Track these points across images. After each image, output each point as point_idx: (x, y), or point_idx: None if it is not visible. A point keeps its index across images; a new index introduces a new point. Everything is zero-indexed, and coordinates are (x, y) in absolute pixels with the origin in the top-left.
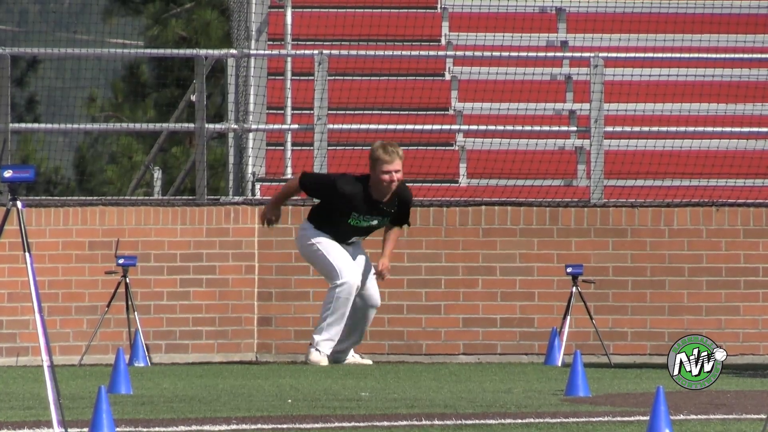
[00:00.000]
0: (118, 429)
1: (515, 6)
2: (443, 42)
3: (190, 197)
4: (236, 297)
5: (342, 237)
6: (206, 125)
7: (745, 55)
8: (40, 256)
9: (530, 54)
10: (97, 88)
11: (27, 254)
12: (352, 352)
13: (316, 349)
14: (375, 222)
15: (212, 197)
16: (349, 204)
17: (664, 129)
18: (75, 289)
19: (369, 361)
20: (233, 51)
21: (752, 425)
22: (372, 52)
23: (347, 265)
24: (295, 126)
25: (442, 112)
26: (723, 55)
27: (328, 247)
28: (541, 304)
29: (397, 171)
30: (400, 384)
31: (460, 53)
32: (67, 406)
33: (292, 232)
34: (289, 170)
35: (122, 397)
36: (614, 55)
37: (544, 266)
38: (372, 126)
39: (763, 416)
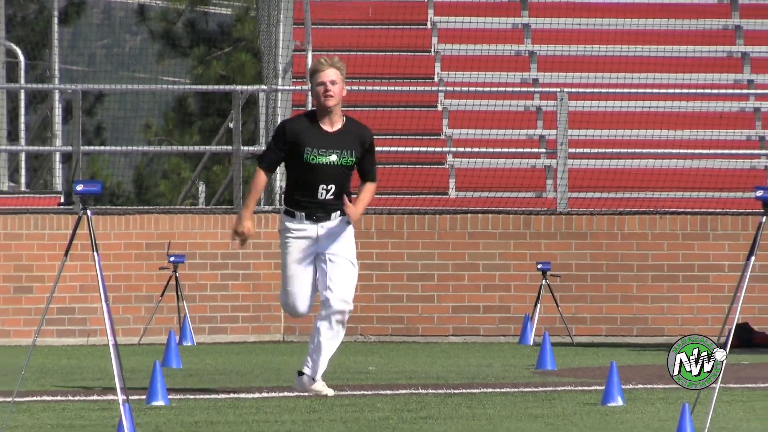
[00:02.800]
0: (170, 396)
1: (495, 50)
2: (436, 79)
3: (229, 206)
4: (266, 288)
5: (310, 190)
6: (242, 147)
7: (684, 91)
8: (106, 255)
9: (507, 89)
10: (152, 117)
11: (95, 253)
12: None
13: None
14: (334, 157)
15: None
16: (299, 139)
17: (617, 151)
18: (134, 282)
19: (330, 392)
20: (264, 87)
21: (688, 393)
22: (378, 88)
23: (293, 291)
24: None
25: (435, 137)
26: (665, 91)
27: (286, 261)
28: (516, 294)
29: (333, 82)
30: (400, 360)
31: (450, 89)
32: (129, 378)
33: None
34: None
35: (173, 371)
36: (576, 90)
37: (519, 263)
38: (377, 148)
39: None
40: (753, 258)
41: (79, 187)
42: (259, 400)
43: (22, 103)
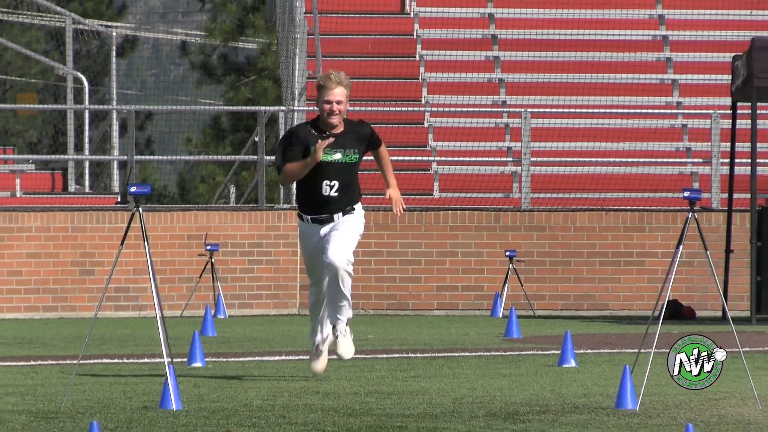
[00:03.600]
0: (206, 359)
1: (471, 77)
2: (423, 101)
3: (254, 205)
4: (285, 271)
5: (315, 188)
6: (265, 157)
7: (625, 111)
8: (154, 244)
9: (481, 109)
10: (192, 132)
11: (145, 243)
12: (330, 336)
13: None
14: (338, 155)
15: (269, 205)
16: (304, 142)
17: (571, 159)
18: (177, 266)
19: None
20: (283, 108)
21: (629, 356)
22: (376, 108)
23: (315, 280)
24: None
25: (422, 148)
26: (610, 111)
27: (304, 248)
28: (488, 276)
29: (339, 102)
30: (394, 329)
31: (434, 109)
32: (172, 344)
33: None
34: None
35: (209, 338)
36: (537, 110)
37: (490, 251)
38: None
39: (635, 350)
40: (681, 247)
41: (133, 189)
42: (278, 362)
43: (87, 121)
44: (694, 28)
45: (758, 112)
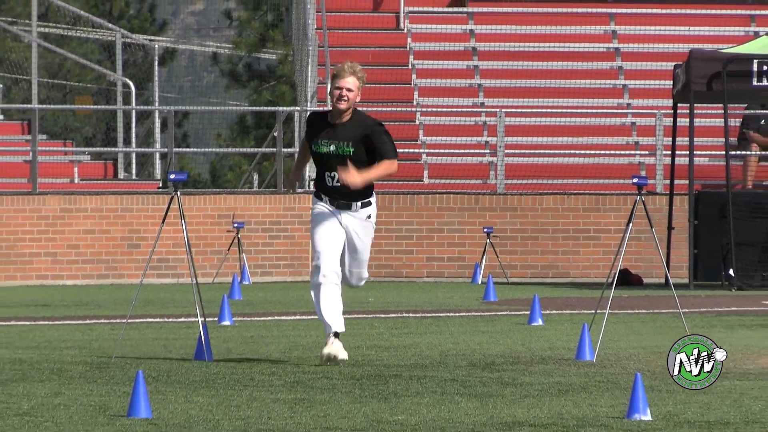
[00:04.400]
0: (234, 318)
1: (454, 83)
2: (415, 103)
3: (274, 189)
4: (299, 245)
5: (322, 173)
6: (282, 149)
7: (584, 111)
8: (190, 222)
9: (463, 109)
10: (222, 129)
11: (182, 221)
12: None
13: (325, 345)
14: (332, 147)
15: (285, 189)
16: (313, 130)
17: (539, 151)
18: (209, 240)
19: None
20: (297, 108)
21: (587, 316)
22: (375, 109)
23: (325, 248)
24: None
25: (414, 142)
26: (572, 110)
27: (316, 225)
28: (470, 249)
29: (349, 90)
30: (390, 293)
31: (424, 109)
32: (205, 305)
33: None
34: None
35: (236, 301)
36: (511, 110)
37: (471, 228)
38: None
39: (592, 311)
40: (630, 225)
41: (172, 176)
42: (294, 321)
43: (133, 119)
44: (641, 42)
45: (695, 112)
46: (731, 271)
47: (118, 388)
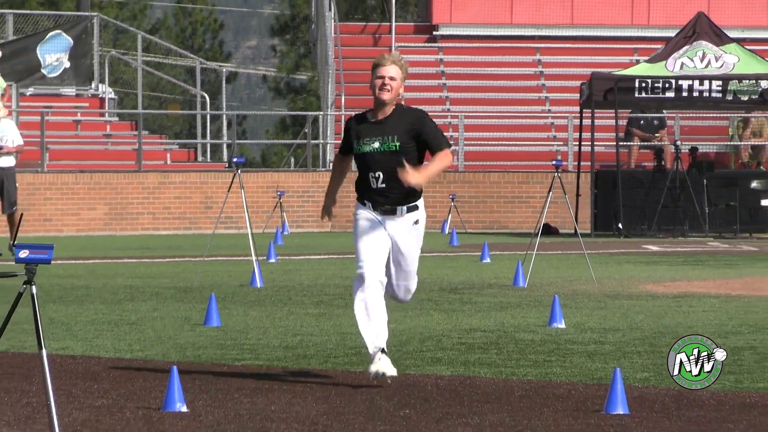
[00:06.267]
0: (278, 257)
1: (429, 95)
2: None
3: (305, 168)
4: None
5: (365, 179)
6: (311, 141)
7: (519, 114)
8: (247, 191)
9: (435, 114)
10: (269, 126)
11: (242, 190)
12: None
13: (371, 363)
14: (376, 144)
15: (313, 168)
16: (354, 132)
17: (488, 142)
18: (260, 204)
19: (392, 372)
20: (321, 113)
21: (521, 255)
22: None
23: (369, 255)
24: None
25: None
26: (511, 114)
27: (359, 232)
28: (439, 210)
29: (392, 78)
30: None
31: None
32: (258, 246)
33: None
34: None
35: (279, 246)
36: (469, 113)
37: (440, 195)
38: None
39: (524, 252)
40: (550, 193)
41: (235, 159)
42: (323, 260)
43: (208, 120)
44: (558, 67)
45: (596, 115)
46: (620, 225)
47: (197, 305)
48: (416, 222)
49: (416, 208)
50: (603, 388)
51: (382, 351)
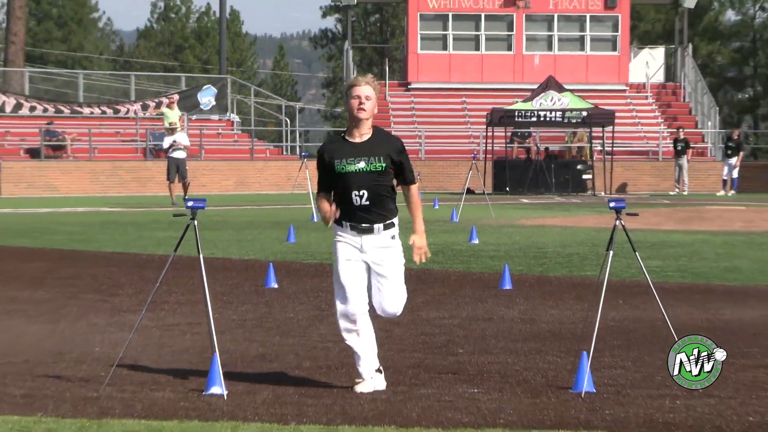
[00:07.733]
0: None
1: (404, 118)
2: (390, 129)
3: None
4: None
5: (347, 197)
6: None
7: (456, 132)
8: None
9: (406, 133)
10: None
11: (306, 171)
12: (368, 370)
13: (364, 381)
14: (362, 164)
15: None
16: (332, 156)
17: (440, 148)
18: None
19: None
20: None
21: (456, 206)
22: None
23: (351, 292)
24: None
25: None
26: (452, 131)
27: (339, 266)
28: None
29: (367, 98)
30: None
31: (390, 128)
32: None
33: None
34: None
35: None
36: (429, 130)
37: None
38: None
39: (459, 202)
40: (471, 171)
41: (303, 154)
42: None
43: (288, 132)
44: (475, 104)
45: (495, 131)
46: (507, 188)
47: (283, 231)
48: (393, 237)
49: (392, 225)
50: (498, 275)
51: (377, 370)
